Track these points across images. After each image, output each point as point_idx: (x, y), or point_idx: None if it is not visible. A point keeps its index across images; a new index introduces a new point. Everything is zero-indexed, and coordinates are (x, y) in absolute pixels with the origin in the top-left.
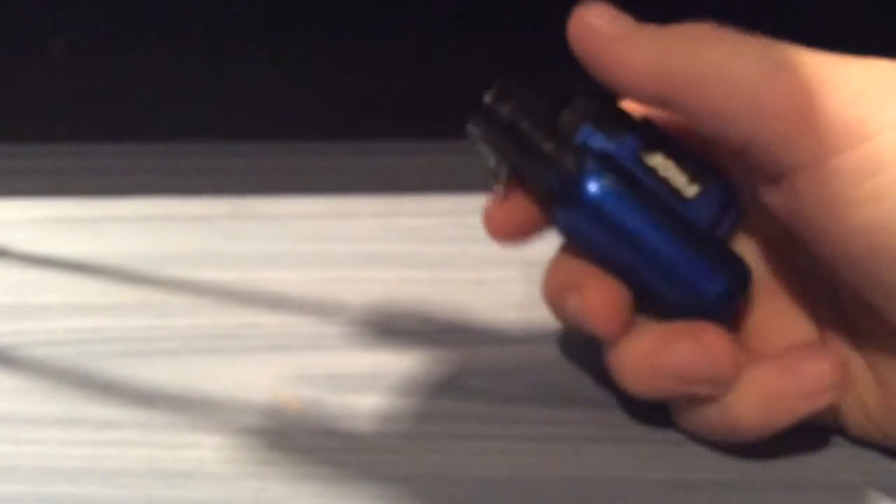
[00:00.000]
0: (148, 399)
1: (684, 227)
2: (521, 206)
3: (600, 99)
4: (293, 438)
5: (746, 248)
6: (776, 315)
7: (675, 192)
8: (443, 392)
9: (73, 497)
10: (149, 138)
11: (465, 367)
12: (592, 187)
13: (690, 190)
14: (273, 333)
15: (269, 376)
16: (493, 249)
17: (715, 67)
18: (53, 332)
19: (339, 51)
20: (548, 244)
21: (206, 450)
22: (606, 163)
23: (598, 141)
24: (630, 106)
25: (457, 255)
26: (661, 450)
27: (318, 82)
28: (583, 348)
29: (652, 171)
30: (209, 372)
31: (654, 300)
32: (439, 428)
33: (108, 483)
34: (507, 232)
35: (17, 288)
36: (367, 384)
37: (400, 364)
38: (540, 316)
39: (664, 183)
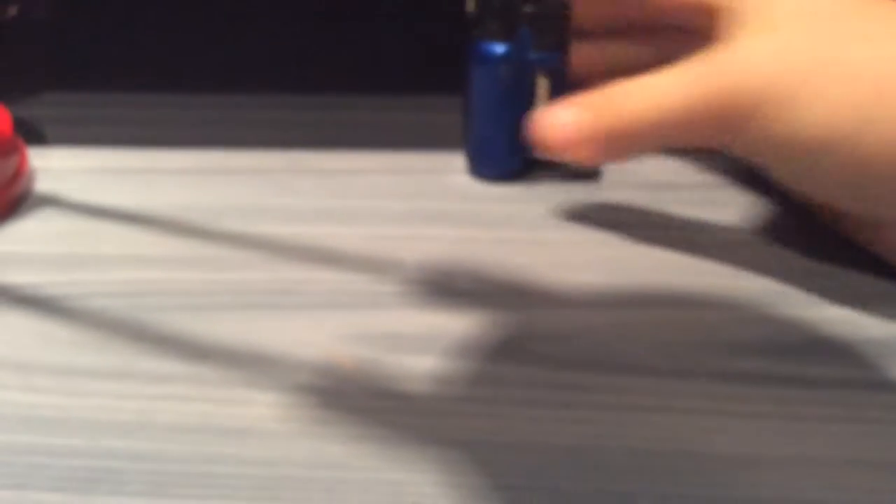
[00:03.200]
0: (202, 354)
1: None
2: None
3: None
4: (349, 398)
5: None
6: None
7: (533, 104)
8: (502, 356)
9: (127, 452)
10: (205, 89)
11: (526, 331)
12: (487, 53)
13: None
14: (328, 290)
15: (324, 334)
16: (555, 209)
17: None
18: (107, 283)
19: (396, 4)
20: (612, 215)
21: (261, 407)
22: (511, 55)
23: (524, 36)
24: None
25: (517, 214)
26: (730, 423)
27: (377, 36)
28: (649, 313)
29: (533, 84)
30: (264, 328)
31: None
32: (498, 393)
33: (161, 438)
34: None
35: (71, 238)
36: (424, 345)
37: (458, 325)
38: (604, 279)
39: (534, 91)
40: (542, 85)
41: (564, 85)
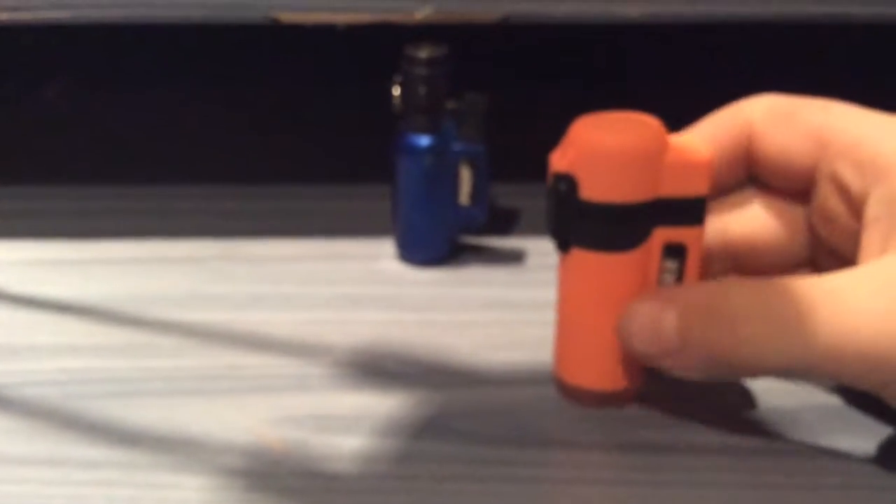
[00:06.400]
0: (132, 440)
1: (436, 208)
2: None
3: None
4: (276, 479)
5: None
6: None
7: (457, 192)
8: (426, 434)
9: None
10: (138, 181)
11: (449, 409)
12: (413, 145)
13: (464, 199)
14: (258, 375)
15: (253, 417)
16: (478, 292)
17: None
18: (40, 372)
19: (327, 99)
20: (530, 291)
21: (190, 491)
22: (436, 147)
23: (448, 129)
24: None
25: (444, 297)
26: (642, 492)
27: (305, 128)
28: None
29: (459, 175)
30: (193, 413)
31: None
32: (423, 469)
33: None
34: None
35: (6, 328)
36: (351, 425)
37: (384, 405)
38: (523, 357)
39: (458, 183)
40: (466, 175)
41: (486, 174)
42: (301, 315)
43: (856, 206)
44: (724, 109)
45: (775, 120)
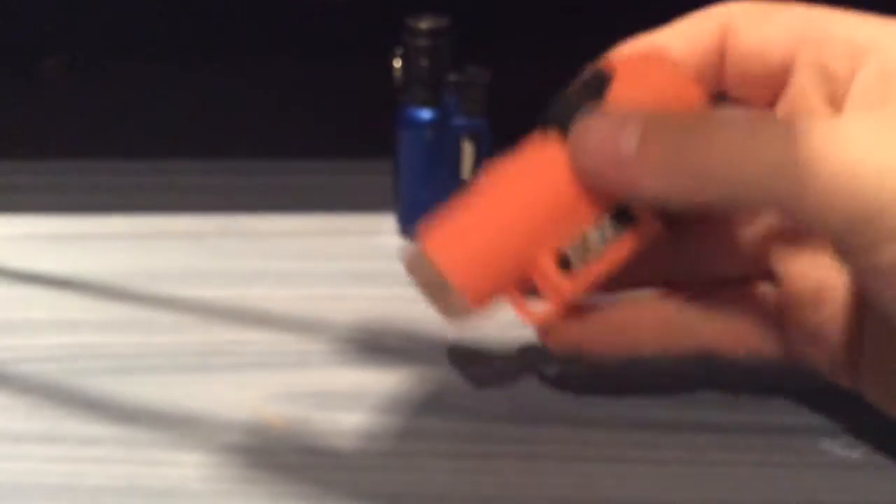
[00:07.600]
0: (130, 416)
1: (438, 182)
2: None
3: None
4: (276, 456)
5: None
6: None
7: (458, 167)
8: (427, 410)
9: None
10: (137, 155)
11: (450, 386)
12: (414, 119)
13: (466, 173)
14: (258, 351)
15: (253, 394)
16: None
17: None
18: (38, 348)
19: (327, 71)
20: None
21: (188, 468)
22: (437, 120)
23: (449, 103)
24: None
25: None
26: (643, 470)
27: (306, 102)
28: (566, 366)
29: (460, 149)
30: (193, 389)
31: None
32: (423, 446)
33: (89, 500)
34: None
35: (3, 304)
36: (352, 402)
37: (384, 382)
38: (524, 335)
39: (460, 158)
40: (467, 149)
41: (488, 149)
42: (301, 291)
43: (838, 95)
44: (701, 10)
45: (754, 15)
